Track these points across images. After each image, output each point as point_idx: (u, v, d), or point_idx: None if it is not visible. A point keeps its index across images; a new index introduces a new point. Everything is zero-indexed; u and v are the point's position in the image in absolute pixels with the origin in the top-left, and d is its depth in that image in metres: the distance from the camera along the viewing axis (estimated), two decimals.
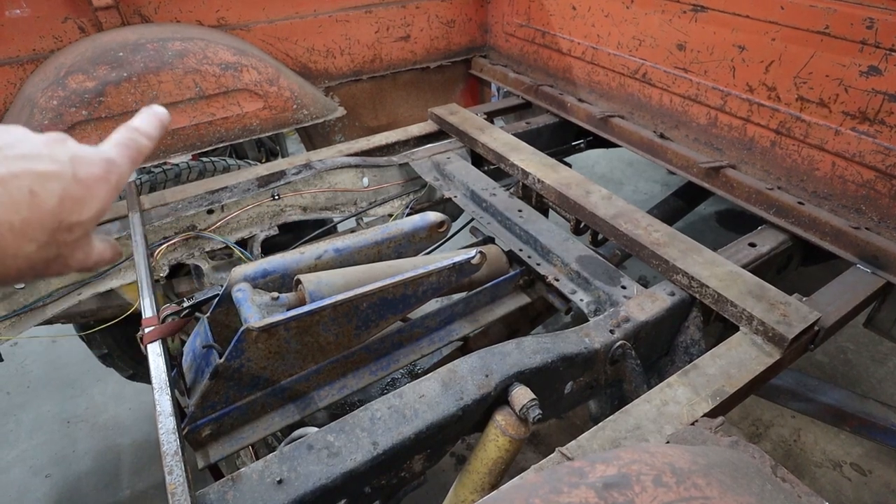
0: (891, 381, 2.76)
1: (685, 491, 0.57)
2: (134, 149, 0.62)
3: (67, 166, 0.54)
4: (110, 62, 1.79)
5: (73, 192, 0.53)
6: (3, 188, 0.49)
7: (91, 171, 0.56)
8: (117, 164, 0.59)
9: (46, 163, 0.53)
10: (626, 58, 2.18)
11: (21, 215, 0.50)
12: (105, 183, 0.57)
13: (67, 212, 0.53)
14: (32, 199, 0.50)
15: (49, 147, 0.55)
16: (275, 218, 1.97)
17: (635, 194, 4.38)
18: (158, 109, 0.67)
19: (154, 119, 0.66)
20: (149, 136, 0.64)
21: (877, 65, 1.46)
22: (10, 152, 0.52)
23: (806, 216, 1.69)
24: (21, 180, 0.50)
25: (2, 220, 0.49)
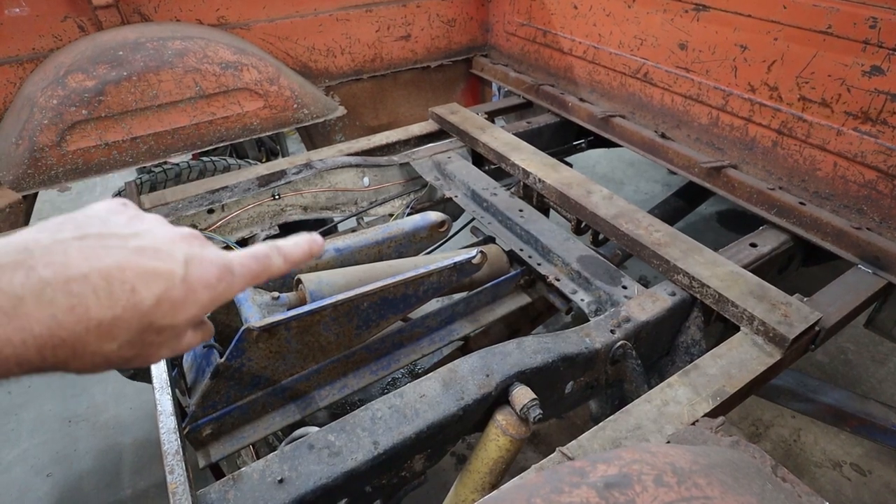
0: (891, 382, 2.76)
1: (686, 491, 0.57)
2: (262, 266, 0.59)
3: (179, 266, 0.51)
4: (110, 61, 1.79)
5: (175, 294, 0.50)
6: (105, 281, 0.46)
7: (201, 274, 0.53)
8: (233, 274, 0.56)
9: (160, 259, 0.50)
10: (628, 57, 2.17)
11: (113, 313, 0.46)
12: (210, 290, 0.53)
13: (161, 314, 0.50)
14: (131, 297, 0.47)
15: (172, 243, 0.52)
16: (275, 217, 1.97)
17: (636, 194, 4.38)
18: (317, 238, 0.64)
19: (305, 245, 0.62)
20: (288, 258, 0.61)
21: (879, 65, 1.46)
22: (132, 242, 0.50)
23: (807, 216, 1.68)
24: (126, 274, 0.47)
25: (91, 315, 0.45)
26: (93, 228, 0.50)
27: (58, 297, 0.44)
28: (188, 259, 0.52)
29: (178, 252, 0.52)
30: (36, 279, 0.44)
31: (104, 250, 0.48)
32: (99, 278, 0.46)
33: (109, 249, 0.48)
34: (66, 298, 0.44)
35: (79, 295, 0.45)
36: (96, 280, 0.46)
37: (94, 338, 0.46)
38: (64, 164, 1.82)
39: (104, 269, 0.47)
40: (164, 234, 0.53)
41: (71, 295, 0.44)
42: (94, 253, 0.47)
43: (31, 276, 0.44)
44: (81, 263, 0.46)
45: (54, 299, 0.44)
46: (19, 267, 0.44)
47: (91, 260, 0.47)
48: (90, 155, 1.84)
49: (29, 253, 0.45)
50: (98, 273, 0.46)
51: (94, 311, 0.46)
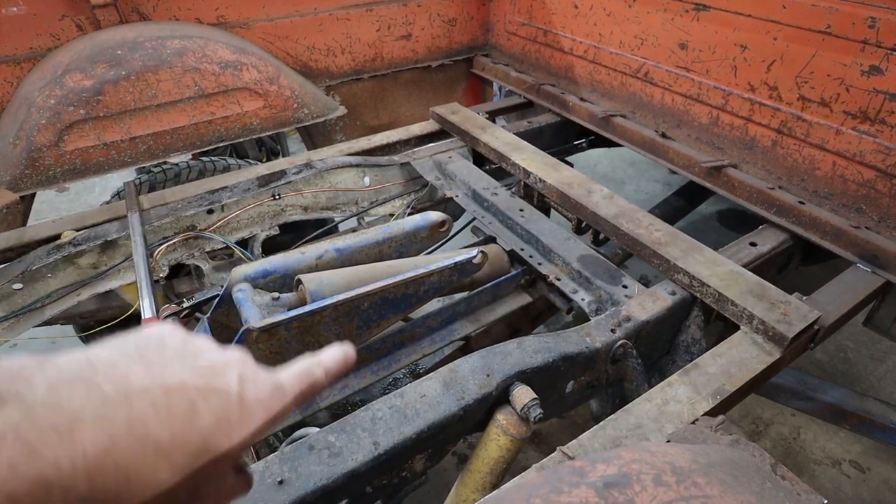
0: (890, 380, 2.76)
1: (685, 490, 0.57)
2: (308, 382, 0.58)
3: (235, 385, 0.50)
4: (108, 60, 1.79)
5: (231, 413, 0.49)
6: (167, 396, 0.45)
7: (256, 393, 0.52)
8: (285, 394, 0.55)
9: (217, 377, 0.49)
10: (628, 57, 2.17)
11: (171, 431, 0.44)
12: (265, 410, 0.52)
13: (219, 435, 0.48)
14: (190, 414, 0.46)
15: (226, 364, 0.52)
16: (275, 218, 1.97)
17: (637, 194, 4.38)
18: (348, 349, 0.64)
19: (340, 356, 0.62)
20: (328, 371, 0.60)
21: (878, 64, 1.46)
22: (190, 362, 0.49)
23: (806, 215, 1.69)
24: (188, 392, 0.47)
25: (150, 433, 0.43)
26: (152, 348, 0.50)
27: (118, 413, 0.42)
28: (242, 378, 0.52)
29: (233, 372, 0.52)
30: (97, 395, 0.42)
31: (164, 366, 0.48)
32: (160, 393, 0.45)
33: (169, 366, 0.48)
34: (126, 414, 0.42)
35: (139, 410, 0.43)
36: (157, 394, 0.45)
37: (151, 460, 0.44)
38: (62, 164, 1.81)
39: (165, 384, 0.46)
40: (220, 355, 0.53)
41: (131, 410, 0.43)
42: (156, 369, 0.47)
43: (93, 391, 0.42)
44: (144, 378, 0.45)
45: (114, 417, 0.42)
46: (80, 381, 0.42)
47: (153, 374, 0.46)
48: (88, 155, 1.84)
49: (92, 368, 0.44)
50: (160, 388, 0.45)
51: (154, 429, 0.44)
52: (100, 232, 1.70)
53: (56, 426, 0.39)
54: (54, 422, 0.39)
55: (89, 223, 1.78)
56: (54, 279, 1.66)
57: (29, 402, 0.39)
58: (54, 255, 1.62)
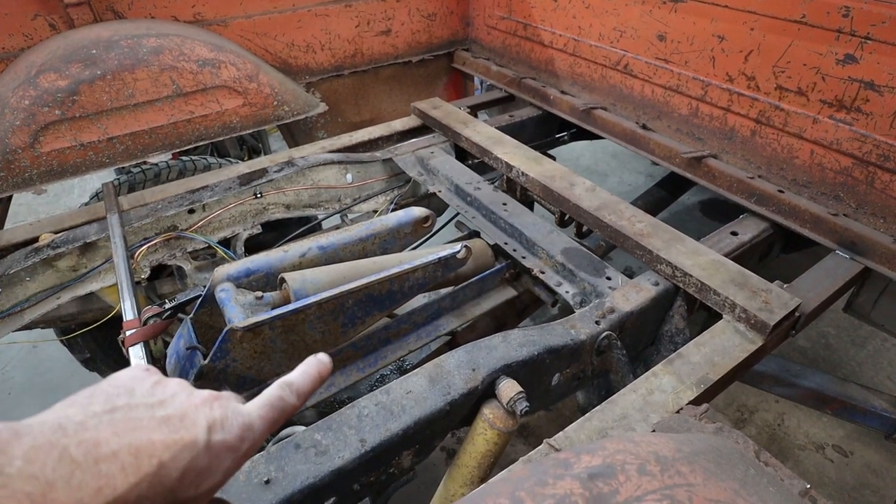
0: (870, 364, 2.81)
1: (669, 479, 0.57)
2: (279, 409, 0.59)
3: (203, 433, 0.51)
4: (83, 60, 1.76)
5: (199, 463, 0.50)
6: (134, 457, 0.47)
7: (225, 438, 0.53)
8: (254, 431, 0.56)
9: (185, 429, 0.51)
10: (608, 49, 2.18)
11: (139, 490, 0.46)
12: (233, 452, 0.54)
13: (185, 485, 0.50)
14: (157, 471, 0.47)
15: (195, 409, 0.53)
16: (258, 216, 1.95)
17: (620, 186, 4.40)
18: (323, 358, 0.64)
19: (314, 372, 0.63)
20: (300, 393, 0.61)
21: (853, 53, 1.48)
22: (158, 412, 0.51)
23: (786, 204, 1.71)
24: (155, 448, 0.48)
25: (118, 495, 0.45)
26: (121, 400, 0.51)
27: (87, 480, 0.44)
28: (211, 425, 0.53)
29: (202, 418, 0.53)
30: (67, 462, 0.44)
31: (132, 422, 0.49)
32: (128, 454, 0.47)
33: (137, 421, 0.49)
34: (95, 480, 0.44)
35: (107, 475, 0.45)
36: (125, 457, 0.46)
37: None
38: (38, 165, 1.78)
39: (133, 445, 0.47)
40: (188, 400, 0.54)
41: (100, 476, 0.45)
42: (124, 426, 0.48)
43: (64, 458, 0.44)
44: (111, 440, 0.47)
45: (83, 483, 0.44)
46: (53, 448, 0.44)
47: (121, 435, 0.47)
48: (65, 156, 1.81)
49: (63, 431, 0.45)
50: (127, 449, 0.47)
51: (121, 491, 0.45)
52: (79, 234, 1.67)
53: (31, 496, 0.42)
54: (29, 492, 0.42)
55: (68, 225, 1.75)
56: (33, 283, 1.63)
57: (6, 474, 0.41)
58: (32, 258, 1.59)
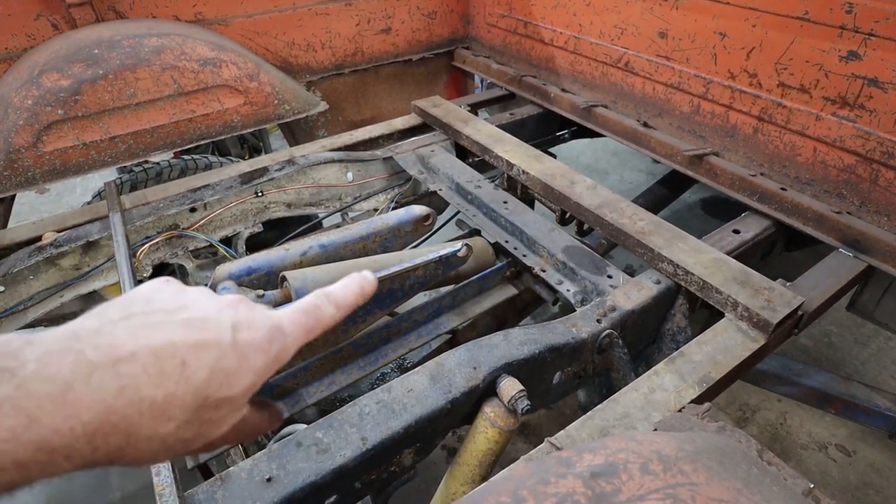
0: (874, 363, 2.80)
1: (672, 478, 0.57)
2: (314, 317, 0.56)
3: (227, 333, 0.49)
4: (85, 60, 1.76)
5: (226, 363, 0.48)
6: (155, 358, 0.45)
7: (251, 337, 0.50)
8: (284, 333, 0.53)
9: (208, 330, 0.48)
10: (609, 47, 2.17)
11: (165, 390, 0.45)
12: (263, 353, 0.51)
13: (216, 386, 0.47)
14: (182, 371, 0.46)
15: (218, 311, 0.50)
16: (259, 215, 1.95)
17: (620, 184, 4.40)
18: (366, 275, 0.62)
19: (355, 287, 0.60)
20: (339, 304, 0.58)
21: (856, 49, 1.47)
22: (178, 316, 0.49)
23: (788, 202, 1.70)
24: (176, 349, 0.46)
25: (143, 395, 0.43)
26: (137, 307, 0.49)
27: (106, 379, 0.43)
28: (235, 325, 0.50)
29: (225, 319, 0.50)
30: (84, 363, 0.42)
31: (150, 327, 0.47)
32: (148, 356, 0.45)
33: (156, 325, 0.47)
34: (116, 381, 0.43)
35: (128, 375, 0.43)
36: (145, 358, 0.45)
37: (149, 420, 0.44)
38: (41, 165, 1.78)
39: (152, 346, 0.45)
40: (210, 304, 0.51)
41: (120, 376, 0.43)
42: (141, 331, 0.46)
43: (80, 360, 0.42)
44: (128, 342, 0.45)
45: (103, 382, 0.42)
46: (67, 353, 0.42)
47: (138, 338, 0.45)
48: (68, 155, 1.81)
49: (77, 338, 0.44)
50: (147, 350, 0.45)
51: (146, 391, 0.44)
52: (81, 233, 1.67)
53: (50, 396, 0.40)
54: (48, 392, 0.40)
55: (70, 224, 1.75)
56: (36, 281, 1.64)
57: (21, 376, 0.40)
58: (36, 256, 1.59)
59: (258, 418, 0.56)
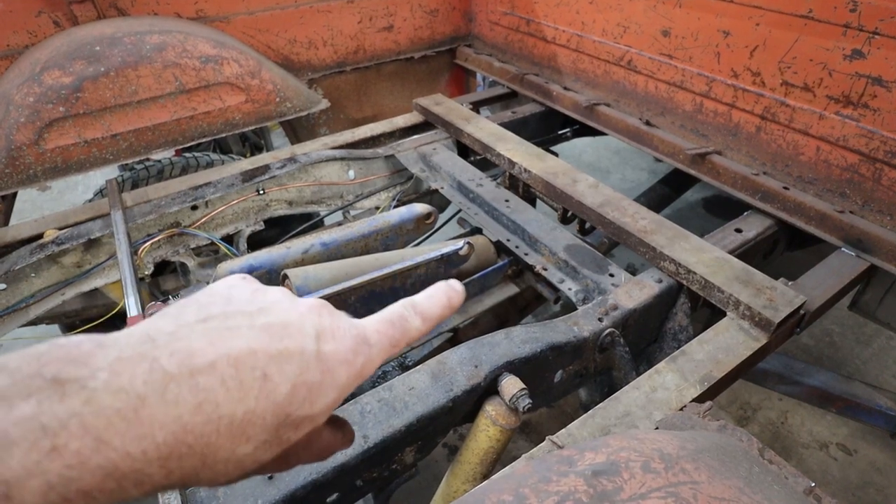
0: (875, 363, 2.80)
1: (673, 476, 0.57)
2: (400, 329, 0.51)
3: (311, 342, 0.45)
4: (87, 57, 1.76)
5: (309, 376, 0.44)
6: (234, 369, 0.40)
7: (336, 348, 0.46)
8: (369, 345, 0.49)
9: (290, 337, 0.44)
10: (611, 45, 2.17)
11: (244, 406, 0.40)
12: (348, 366, 0.46)
13: (297, 403, 0.43)
14: (263, 384, 0.41)
15: (301, 316, 0.46)
16: (260, 213, 1.95)
17: (622, 182, 4.39)
18: (455, 285, 0.57)
19: (442, 297, 0.55)
20: (426, 317, 0.53)
21: (860, 48, 1.47)
22: (258, 320, 0.44)
23: (791, 201, 1.70)
24: (256, 359, 0.41)
25: (222, 413, 0.39)
26: (216, 308, 0.44)
27: (183, 393, 0.38)
28: (319, 333, 0.46)
29: (309, 326, 0.46)
30: (160, 374, 0.38)
31: (230, 332, 0.42)
32: (227, 366, 0.40)
33: (235, 330, 0.43)
34: (193, 395, 0.38)
35: (206, 389, 0.39)
36: (224, 368, 0.40)
37: (226, 440, 0.40)
38: (42, 162, 1.78)
39: (232, 355, 0.41)
40: (292, 308, 0.47)
41: (198, 390, 0.38)
42: (220, 336, 0.42)
43: (155, 369, 0.38)
44: (207, 349, 0.40)
45: (179, 397, 0.38)
46: (142, 360, 0.38)
47: (217, 345, 0.41)
48: (69, 153, 1.81)
49: (152, 343, 0.39)
50: (226, 360, 0.40)
51: (224, 408, 0.39)
52: (83, 230, 1.67)
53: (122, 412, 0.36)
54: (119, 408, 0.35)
55: (72, 221, 1.75)
56: (38, 279, 1.64)
57: (90, 389, 0.35)
58: (37, 254, 1.59)
59: (332, 437, 0.52)
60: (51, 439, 0.33)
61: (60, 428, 0.33)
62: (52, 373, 0.35)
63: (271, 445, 0.43)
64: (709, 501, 0.54)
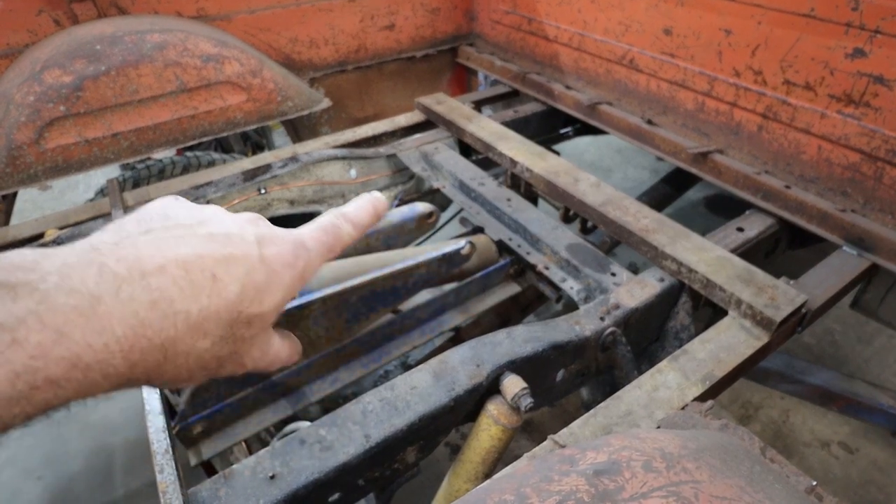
0: (877, 361, 2.79)
1: (675, 475, 0.57)
2: (333, 235, 0.56)
3: (254, 247, 0.48)
4: (87, 56, 1.76)
5: (256, 277, 0.47)
6: (184, 271, 0.43)
7: (279, 252, 0.50)
8: (307, 249, 0.53)
9: (234, 243, 0.47)
10: (613, 44, 2.17)
11: (199, 304, 0.43)
12: (290, 268, 0.50)
13: (248, 301, 0.46)
14: (214, 285, 0.44)
15: (240, 227, 0.49)
16: (262, 212, 1.95)
17: (624, 181, 4.39)
18: (376, 195, 0.61)
19: (368, 206, 0.60)
20: (356, 223, 0.58)
21: (862, 47, 1.47)
22: (199, 230, 0.47)
23: (793, 200, 1.69)
24: (204, 262, 0.44)
25: (177, 309, 0.42)
26: (156, 223, 0.47)
27: (137, 292, 0.40)
28: (260, 240, 0.49)
29: (249, 234, 0.49)
30: (110, 275, 0.40)
31: (174, 240, 0.45)
32: (177, 268, 0.43)
33: (179, 239, 0.45)
34: (147, 293, 0.40)
35: (159, 289, 0.41)
36: (174, 270, 0.42)
37: (185, 335, 0.42)
38: (43, 161, 1.79)
39: (180, 259, 0.43)
40: (230, 219, 0.50)
41: (151, 289, 0.41)
42: (166, 243, 0.44)
43: (105, 272, 0.40)
44: (155, 254, 0.42)
45: (134, 295, 0.40)
46: (90, 265, 0.40)
47: (164, 251, 0.43)
48: (70, 152, 1.81)
49: (97, 251, 0.41)
50: (175, 263, 0.43)
51: (179, 304, 0.42)
52: (84, 230, 1.68)
53: (78, 309, 0.37)
54: (74, 305, 0.37)
55: (73, 221, 1.76)
56: None
57: (42, 290, 0.37)
58: None
59: (281, 346, 0.55)
60: (10, 333, 0.34)
61: (18, 323, 0.35)
62: None
63: (227, 341, 0.46)
64: (710, 500, 0.54)
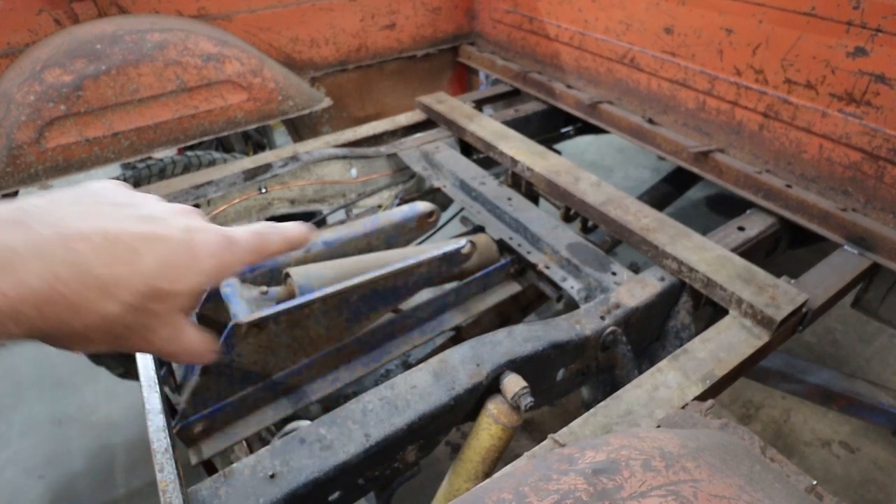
0: (878, 360, 2.79)
1: (674, 475, 0.57)
2: (261, 241, 0.59)
3: (180, 233, 0.51)
4: (88, 55, 1.76)
5: (177, 258, 0.50)
6: (106, 241, 0.46)
7: (205, 240, 0.52)
8: (235, 244, 0.56)
9: (159, 226, 0.50)
10: (614, 43, 2.16)
11: (114, 271, 0.45)
12: (214, 258, 0.53)
13: (163, 277, 0.49)
14: (132, 257, 0.47)
15: (172, 214, 0.52)
16: (262, 211, 1.95)
17: (625, 180, 4.38)
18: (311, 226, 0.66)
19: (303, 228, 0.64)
20: (285, 239, 0.61)
21: (863, 45, 1.46)
22: (129, 211, 0.50)
23: (794, 199, 1.69)
24: (128, 236, 0.47)
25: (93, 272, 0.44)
26: (88, 198, 0.49)
27: (57, 252, 0.43)
28: (189, 227, 0.52)
29: (179, 221, 0.52)
30: (35, 235, 0.43)
31: (102, 215, 0.47)
32: (99, 237, 0.45)
33: (108, 214, 0.48)
34: (67, 254, 0.43)
35: (79, 252, 0.44)
36: (97, 239, 0.45)
37: (94, 294, 0.45)
38: (43, 161, 1.79)
39: (104, 230, 0.46)
40: (161, 206, 0.53)
41: (70, 251, 0.44)
42: (93, 216, 0.47)
43: (29, 233, 0.42)
44: (81, 223, 0.45)
45: (55, 255, 0.43)
46: (15, 224, 0.42)
47: (90, 221, 0.46)
48: (70, 152, 1.82)
49: (25, 213, 0.44)
50: (99, 234, 0.46)
51: (96, 269, 0.44)
52: None
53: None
54: None
55: None
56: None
57: None
58: None
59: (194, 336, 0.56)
60: None
61: None
62: None
63: (137, 311, 0.48)
64: (709, 499, 0.54)
